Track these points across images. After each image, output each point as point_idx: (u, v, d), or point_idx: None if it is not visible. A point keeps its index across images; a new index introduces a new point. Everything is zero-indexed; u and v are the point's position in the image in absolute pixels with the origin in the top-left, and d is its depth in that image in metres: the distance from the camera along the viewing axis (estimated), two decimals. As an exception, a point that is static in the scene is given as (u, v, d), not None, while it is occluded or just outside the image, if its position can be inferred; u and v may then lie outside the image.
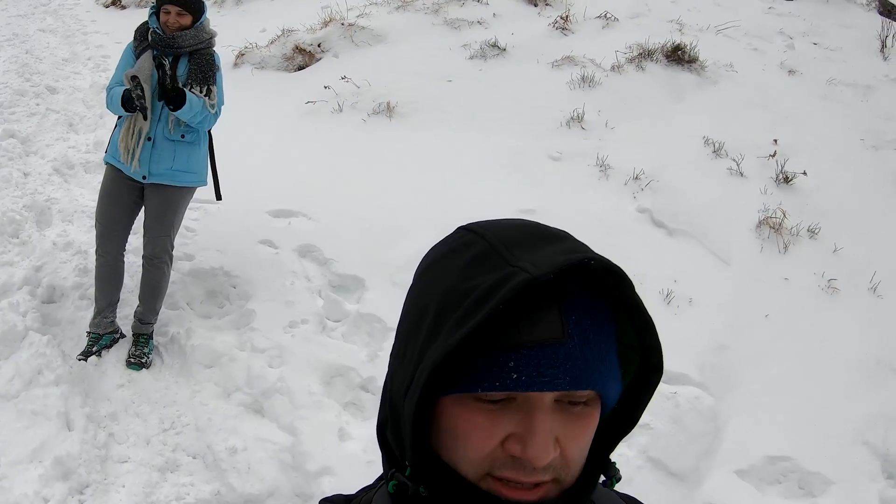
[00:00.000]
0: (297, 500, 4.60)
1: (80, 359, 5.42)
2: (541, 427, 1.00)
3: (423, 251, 1.19)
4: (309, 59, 11.77)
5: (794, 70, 10.35)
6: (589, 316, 1.03)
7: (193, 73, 5.46)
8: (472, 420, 1.03)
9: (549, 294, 1.01)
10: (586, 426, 1.05)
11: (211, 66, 5.56)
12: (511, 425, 1.02)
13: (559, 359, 0.99)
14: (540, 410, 1.00)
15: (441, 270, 1.10)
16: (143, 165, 5.47)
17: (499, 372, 0.99)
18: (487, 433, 1.02)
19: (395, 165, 8.03)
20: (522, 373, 0.98)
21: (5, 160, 8.29)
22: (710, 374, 5.41)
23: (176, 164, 5.54)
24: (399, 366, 1.12)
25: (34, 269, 6.26)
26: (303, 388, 5.23)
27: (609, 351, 1.05)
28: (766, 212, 7.04)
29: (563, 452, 1.03)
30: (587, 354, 1.01)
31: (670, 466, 4.74)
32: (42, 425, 4.68)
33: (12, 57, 12.89)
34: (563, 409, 1.03)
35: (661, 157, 7.91)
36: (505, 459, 1.02)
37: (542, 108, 8.91)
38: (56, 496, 4.25)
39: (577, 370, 1.00)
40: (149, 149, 5.47)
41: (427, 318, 1.06)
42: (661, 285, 6.07)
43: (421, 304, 1.10)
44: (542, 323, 1.00)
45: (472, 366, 1.01)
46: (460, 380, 1.02)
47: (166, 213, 5.65)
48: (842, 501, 4.62)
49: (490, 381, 1.00)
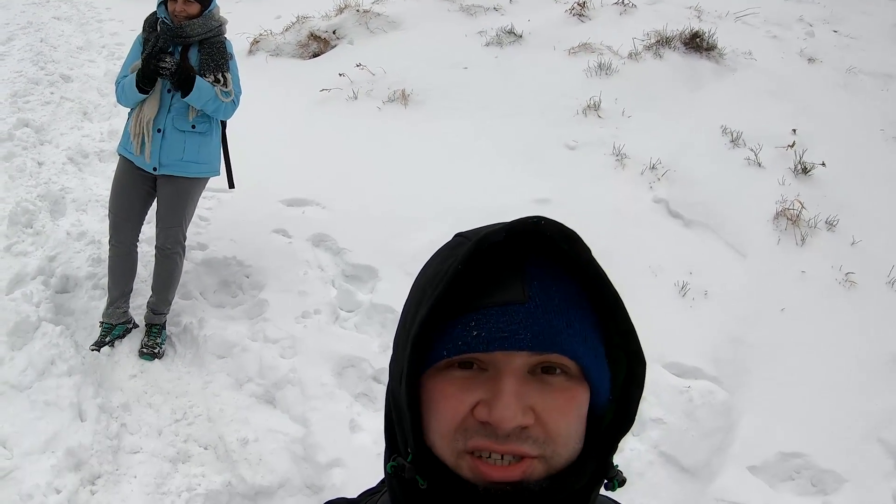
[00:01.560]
0: (308, 492, 4.60)
1: (93, 349, 5.43)
2: (507, 388, 1.01)
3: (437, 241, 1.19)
4: (324, 46, 11.76)
5: (813, 58, 10.27)
6: (554, 283, 1.08)
7: (205, 62, 5.39)
8: (443, 390, 1.06)
9: (512, 263, 1.08)
10: (569, 399, 1.06)
11: (222, 54, 5.49)
12: (481, 392, 1.03)
13: (519, 317, 1.03)
14: (507, 374, 1.02)
15: (423, 270, 1.17)
16: (154, 156, 5.42)
17: (461, 332, 1.04)
18: (457, 400, 1.04)
19: (409, 154, 8.01)
20: (483, 330, 1.02)
21: (19, 149, 8.32)
22: (725, 368, 5.37)
23: (186, 154, 5.48)
24: (394, 361, 1.16)
25: (48, 259, 6.26)
26: (315, 378, 5.23)
27: (579, 319, 1.07)
28: (783, 203, 6.97)
29: (545, 424, 1.03)
30: (550, 316, 1.04)
31: (682, 462, 4.73)
32: (54, 416, 4.68)
33: (27, 45, 12.93)
34: (540, 379, 1.04)
35: (678, 146, 7.87)
36: (475, 428, 1.03)
37: (559, 96, 8.87)
38: (68, 487, 4.25)
39: (538, 328, 1.02)
40: (159, 140, 5.41)
41: (410, 307, 1.13)
42: (677, 277, 6.04)
43: (407, 303, 1.16)
44: (504, 287, 1.05)
45: (440, 332, 1.05)
46: (433, 351, 1.06)
47: (178, 203, 5.60)
48: (855, 500, 4.58)
49: (454, 342, 1.04)
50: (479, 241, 1.04)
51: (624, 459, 4.50)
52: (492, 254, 1.07)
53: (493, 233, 1.04)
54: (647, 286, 5.90)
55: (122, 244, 5.62)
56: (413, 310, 1.11)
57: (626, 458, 4.61)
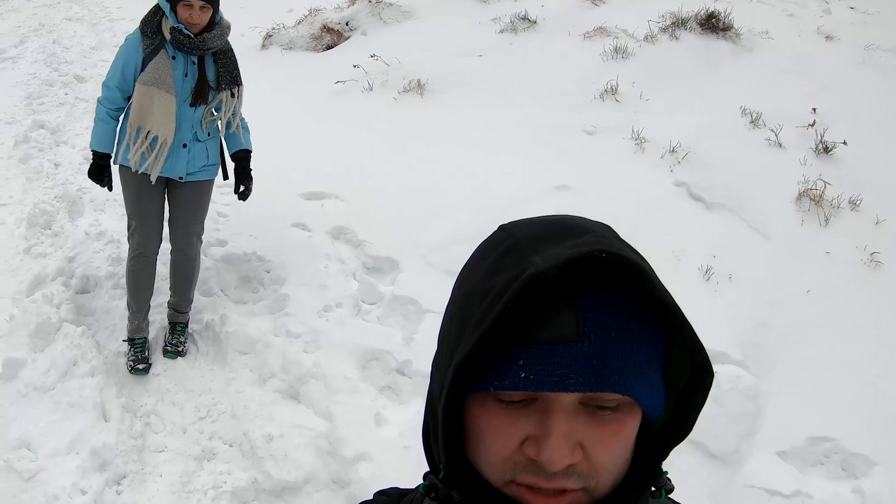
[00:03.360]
0: (335, 487, 4.60)
1: (142, 369, 5.34)
2: (556, 429, 0.97)
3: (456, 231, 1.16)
4: (337, 38, 11.75)
5: (830, 36, 10.17)
6: (611, 314, 0.99)
7: (223, 76, 5.28)
8: (490, 421, 1.02)
9: (563, 291, 0.99)
10: (616, 432, 1.01)
11: (236, 64, 5.41)
12: (529, 427, 0.99)
13: (571, 358, 0.96)
14: (557, 412, 0.98)
15: (471, 273, 1.10)
16: (181, 168, 5.31)
17: (508, 370, 0.98)
18: (505, 434, 1.01)
19: (426, 143, 7.98)
20: (531, 371, 0.96)
21: (36, 151, 8.41)
22: (751, 352, 5.34)
23: (209, 159, 5.45)
24: (437, 371, 1.13)
25: (67, 259, 6.31)
26: (338, 372, 5.22)
27: (637, 351, 1.00)
28: (806, 183, 6.92)
29: (591, 459, 0.99)
30: (606, 355, 0.97)
31: (710, 448, 4.70)
32: (78, 417, 4.71)
33: (40, 47, 13.00)
34: (590, 413, 0.99)
35: (698, 128, 7.82)
36: (525, 464, 1.00)
37: (575, 81, 8.83)
38: (93, 487, 4.28)
39: (591, 370, 0.96)
40: (185, 154, 5.29)
41: (455, 321, 1.07)
42: (701, 261, 6.01)
43: (451, 309, 1.11)
44: (555, 321, 0.97)
45: (488, 364, 1.00)
46: (480, 379, 1.01)
47: (200, 203, 5.57)
48: (886, 483, 4.55)
49: (500, 380, 0.98)
50: (535, 276, 0.95)
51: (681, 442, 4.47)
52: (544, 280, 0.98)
53: (550, 267, 0.95)
54: (671, 271, 5.82)
55: (152, 253, 5.48)
56: (455, 329, 1.05)
57: None
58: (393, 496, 1.33)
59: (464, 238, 5.90)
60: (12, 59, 12.48)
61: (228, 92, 5.28)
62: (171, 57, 5.11)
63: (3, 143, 8.70)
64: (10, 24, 14.54)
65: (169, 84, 5.06)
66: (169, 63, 5.09)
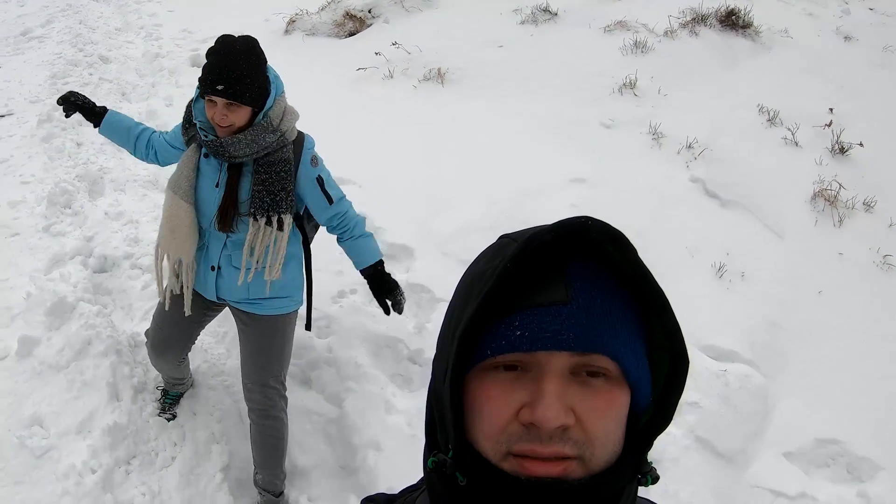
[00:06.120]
0: (343, 473, 4.63)
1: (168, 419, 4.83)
2: (549, 389, 1.03)
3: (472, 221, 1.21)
4: (359, 25, 11.75)
5: (849, 36, 10.22)
6: (597, 284, 1.09)
7: (258, 197, 3.74)
8: (487, 392, 1.08)
9: (556, 263, 1.09)
10: (608, 401, 1.07)
11: (283, 181, 3.78)
12: (524, 395, 1.05)
13: (562, 317, 1.04)
14: (550, 374, 1.04)
15: (472, 269, 1.18)
16: (210, 291, 4.12)
17: (505, 331, 1.05)
18: (502, 402, 1.06)
19: (445, 132, 7.99)
20: (526, 329, 1.04)
21: (59, 130, 8.43)
22: (761, 351, 5.34)
23: (275, 289, 4.05)
24: (438, 359, 1.19)
25: (86, 239, 6.33)
26: (350, 359, 5.22)
27: (622, 321, 1.09)
28: (821, 184, 6.94)
29: (584, 426, 1.04)
30: (593, 317, 1.05)
31: (718, 447, 4.70)
32: (91, 396, 4.74)
33: (66, 28, 13.02)
34: (581, 381, 1.05)
35: (715, 125, 7.84)
36: (520, 432, 1.04)
37: (594, 74, 8.83)
38: (104, 466, 4.31)
39: (581, 329, 1.04)
40: (212, 278, 4.06)
41: (458, 307, 1.14)
42: (714, 258, 6.02)
43: (453, 302, 1.19)
44: (548, 287, 1.07)
45: (485, 332, 1.07)
46: (478, 350, 1.08)
47: (269, 347, 4.21)
48: (891, 487, 4.56)
49: (497, 342, 1.06)
50: (527, 241, 1.05)
51: (660, 444, 4.48)
52: (537, 254, 1.08)
53: (540, 233, 1.05)
54: (684, 267, 5.88)
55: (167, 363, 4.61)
56: (460, 307, 1.12)
57: (661, 443, 4.58)
58: (380, 502, 1.39)
59: (478, 228, 5.98)
60: (39, 38, 12.54)
61: (264, 220, 3.76)
62: (204, 155, 3.89)
63: (27, 121, 8.77)
64: (37, 4, 14.56)
65: (185, 190, 3.84)
66: (193, 162, 3.89)
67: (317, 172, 3.97)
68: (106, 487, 4.23)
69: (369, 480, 4.44)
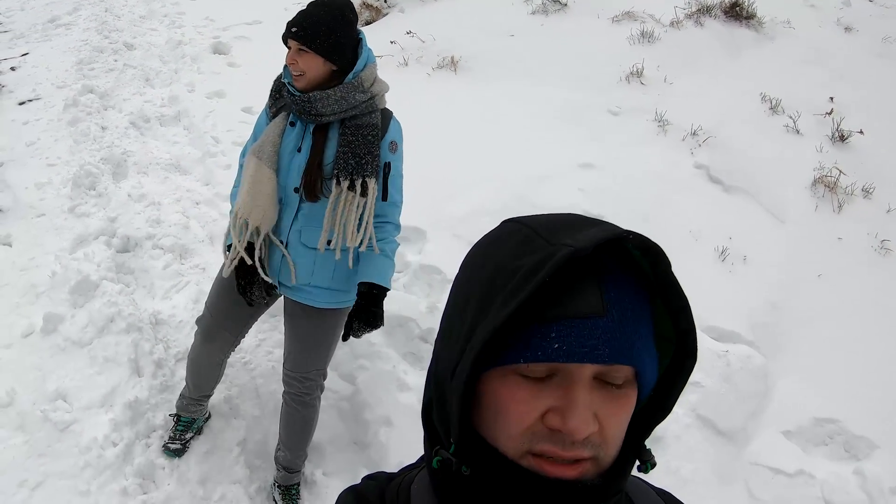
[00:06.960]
0: (356, 448, 4.72)
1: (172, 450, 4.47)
2: (581, 399, 1.02)
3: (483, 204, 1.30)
4: (376, 14, 11.91)
5: (850, 27, 10.33)
6: (626, 293, 1.06)
7: (342, 158, 3.50)
8: (513, 394, 1.06)
9: (589, 270, 1.05)
10: (624, 405, 1.07)
11: (370, 145, 3.53)
12: (551, 399, 1.04)
13: (598, 331, 1.02)
14: (580, 384, 1.03)
15: (487, 256, 1.14)
16: (272, 271, 3.85)
17: (540, 342, 1.02)
18: (529, 406, 1.05)
19: (457, 119, 8.07)
20: (564, 342, 1.01)
21: (84, 115, 8.53)
22: (762, 333, 5.41)
23: (335, 281, 3.81)
24: (445, 346, 1.16)
25: (109, 220, 6.42)
26: (363, 337, 5.25)
27: (645, 329, 1.08)
28: (821, 170, 7.06)
29: (602, 430, 1.05)
30: (625, 329, 1.04)
31: (719, 425, 4.75)
32: (113, 371, 4.82)
33: (92, 15, 13.14)
34: (602, 387, 1.05)
35: (719, 113, 7.94)
36: (544, 434, 1.04)
37: (602, 63, 8.94)
38: (125, 440, 4.38)
39: (615, 343, 1.02)
40: (278, 256, 3.81)
41: (474, 298, 1.10)
42: (717, 242, 6.10)
43: (468, 287, 1.14)
44: (583, 297, 1.03)
45: (515, 338, 1.03)
46: (505, 353, 1.05)
47: (317, 340, 4.05)
48: (886, 465, 4.60)
49: (532, 352, 1.02)
50: (574, 253, 1.00)
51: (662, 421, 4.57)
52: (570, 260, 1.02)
53: (586, 247, 1.00)
54: (688, 250, 5.96)
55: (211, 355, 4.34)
56: (479, 304, 1.08)
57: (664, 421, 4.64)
58: (380, 480, 1.38)
59: (489, 211, 6.05)
60: (66, 25, 12.63)
61: (347, 182, 3.50)
62: (290, 123, 3.68)
63: (54, 105, 8.84)
64: (65, -8, 14.69)
65: (269, 154, 3.62)
66: (280, 128, 3.68)
67: (390, 158, 3.67)
68: (127, 460, 4.32)
69: (381, 455, 4.55)
